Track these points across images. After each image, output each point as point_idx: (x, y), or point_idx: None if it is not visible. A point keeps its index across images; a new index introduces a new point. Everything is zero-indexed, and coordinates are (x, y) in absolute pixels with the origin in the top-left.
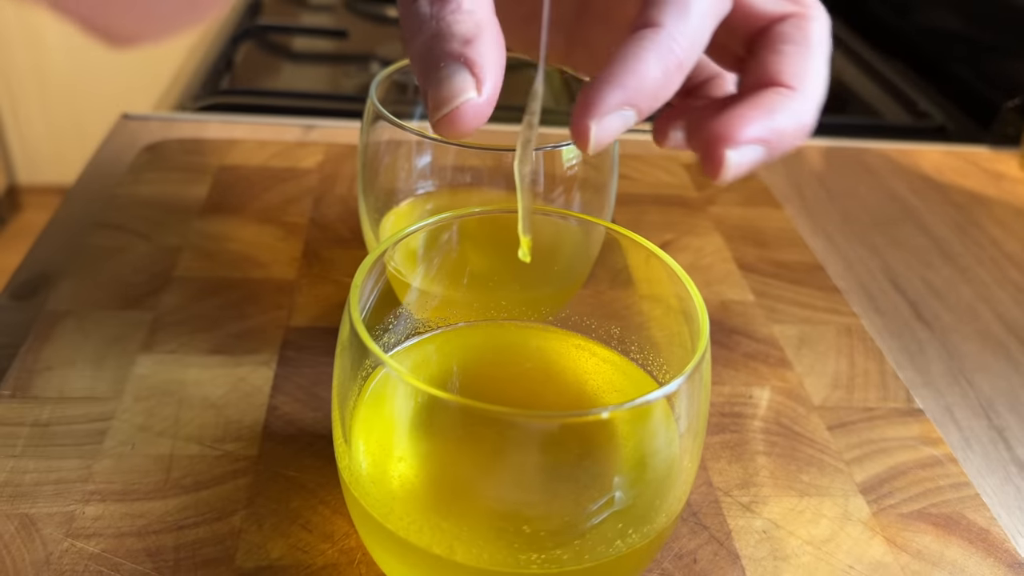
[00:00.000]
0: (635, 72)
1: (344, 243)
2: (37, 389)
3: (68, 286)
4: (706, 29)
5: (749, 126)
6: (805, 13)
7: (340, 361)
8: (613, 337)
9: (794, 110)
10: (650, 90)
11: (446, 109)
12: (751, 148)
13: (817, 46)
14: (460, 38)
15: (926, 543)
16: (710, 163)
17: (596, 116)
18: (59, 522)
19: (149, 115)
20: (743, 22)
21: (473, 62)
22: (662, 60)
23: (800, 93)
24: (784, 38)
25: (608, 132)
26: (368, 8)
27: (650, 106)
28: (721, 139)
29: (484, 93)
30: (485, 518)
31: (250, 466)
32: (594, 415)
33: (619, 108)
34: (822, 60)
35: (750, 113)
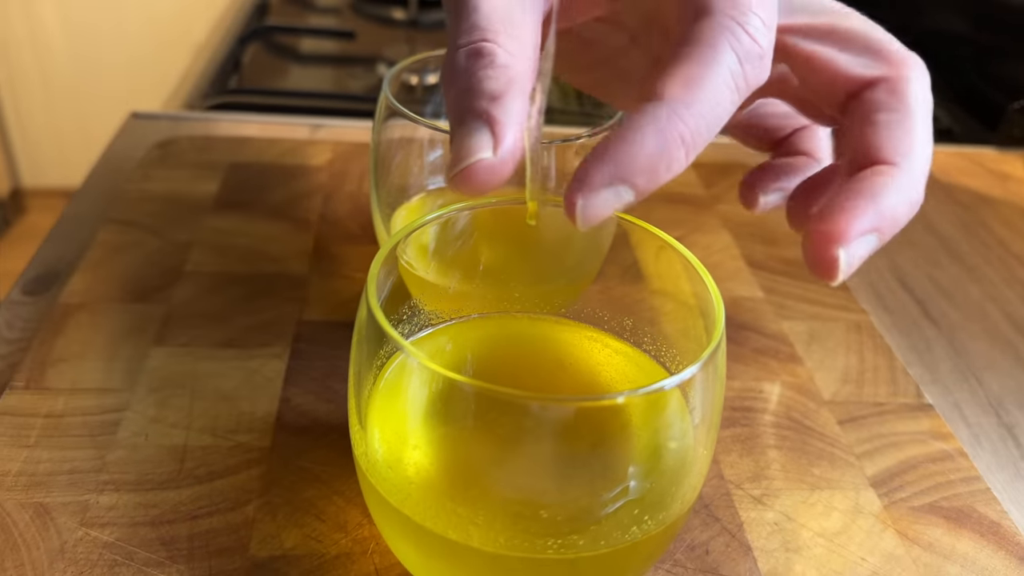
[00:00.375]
0: (628, 146)
1: (354, 239)
2: (50, 381)
3: (80, 280)
4: (720, 104)
5: (858, 219)
6: (898, 75)
7: (357, 347)
8: (626, 329)
9: (901, 189)
10: (644, 165)
11: (459, 167)
12: (863, 241)
13: (917, 111)
14: (487, 95)
15: (937, 536)
16: (822, 266)
17: (584, 192)
18: (73, 511)
19: (159, 113)
20: (829, 87)
21: (495, 120)
22: (660, 135)
23: (904, 169)
24: (878, 107)
25: (597, 208)
26: (375, 10)
27: (647, 182)
28: (830, 238)
29: (500, 153)
30: (501, 503)
31: (263, 457)
32: (609, 399)
33: (610, 184)
34: (924, 125)
35: (856, 204)
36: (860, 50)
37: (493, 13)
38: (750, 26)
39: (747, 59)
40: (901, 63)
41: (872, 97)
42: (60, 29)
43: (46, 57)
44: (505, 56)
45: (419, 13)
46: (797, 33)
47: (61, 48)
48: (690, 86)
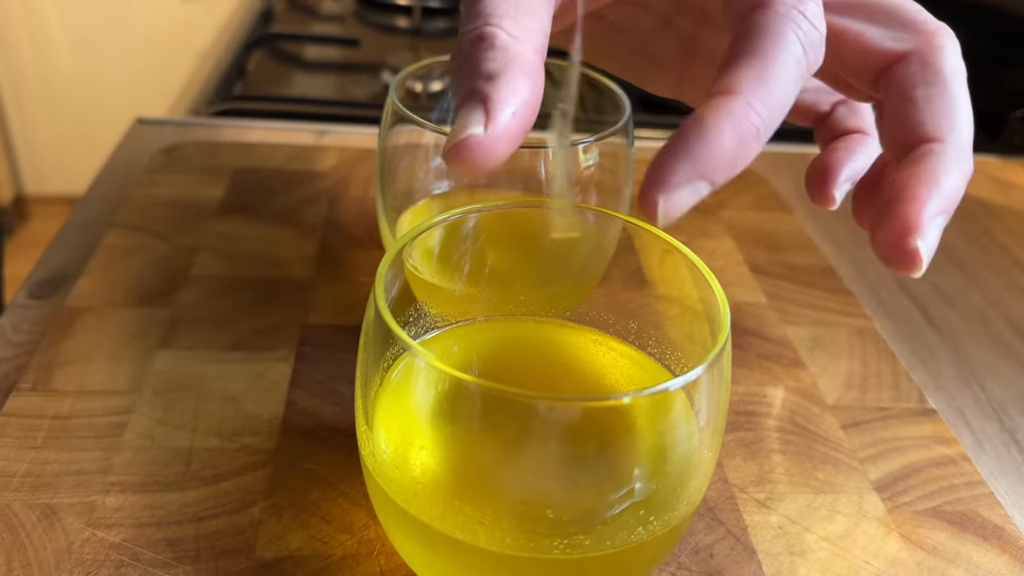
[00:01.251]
0: (708, 143)
1: (359, 244)
2: (57, 383)
3: (86, 284)
4: (789, 94)
5: (926, 206)
6: (928, 44)
7: (364, 347)
8: (631, 332)
9: (954, 165)
10: (724, 161)
11: (450, 143)
12: (935, 226)
13: (952, 81)
14: (484, 75)
15: (941, 540)
16: (904, 260)
17: (665, 190)
18: (80, 512)
19: (164, 119)
20: (860, 62)
21: (488, 98)
22: (737, 130)
23: (952, 144)
24: (912, 81)
25: (677, 206)
26: (379, 18)
27: (724, 176)
28: (905, 231)
29: (491, 130)
30: (508, 503)
31: (269, 459)
32: (615, 400)
33: (690, 181)
34: (961, 94)
35: (919, 192)
36: (889, 23)
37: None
38: (809, 12)
39: (810, 46)
40: (932, 33)
41: (905, 71)
42: (64, 37)
43: (49, 65)
44: (505, 38)
45: (423, 21)
46: (827, 8)
47: (65, 56)
48: (762, 79)
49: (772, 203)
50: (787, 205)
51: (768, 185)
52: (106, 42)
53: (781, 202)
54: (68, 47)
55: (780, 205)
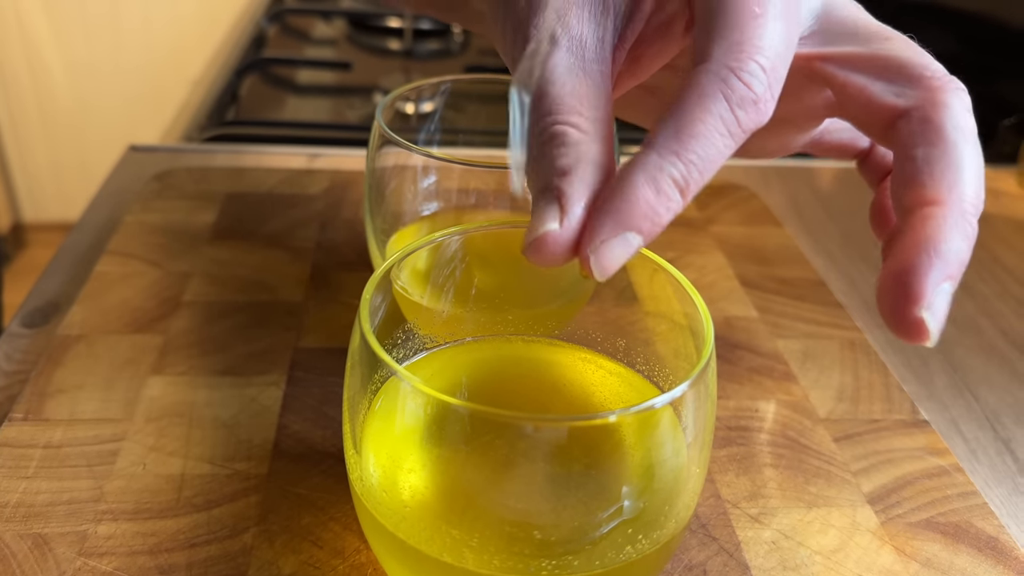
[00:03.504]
0: (624, 195)
1: (351, 266)
2: (49, 412)
3: (78, 312)
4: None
5: (928, 276)
6: (930, 100)
7: (351, 372)
8: (619, 350)
9: (956, 227)
10: (643, 212)
11: (529, 238)
12: (941, 293)
13: (955, 139)
14: (558, 171)
15: (935, 551)
16: (911, 331)
17: (592, 247)
18: (72, 541)
19: (157, 146)
20: (865, 116)
21: (562, 193)
22: (651, 181)
23: (952, 205)
24: (913, 140)
25: (610, 259)
26: (370, 41)
27: (651, 227)
28: (908, 302)
29: (566, 223)
30: (496, 525)
31: (261, 484)
32: (601, 418)
33: (615, 234)
34: (966, 152)
35: (919, 261)
36: (894, 77)
37: (562, 93)
38: (744, 72)
39: (740, 105)
40: (936, 89)
41: (906, 128)
42: (60, 65)
43: (46, 93)
44: (576, 134)
45: (414, 43)
46: (834, 62)
47: (61, 84)
48: (677, 135)
49: (762, 217)
50: (777, 219)
51: (758, 199)
52: (102, 69)
53: (771, 216)
54: (64, 75)
55: (770, 219)
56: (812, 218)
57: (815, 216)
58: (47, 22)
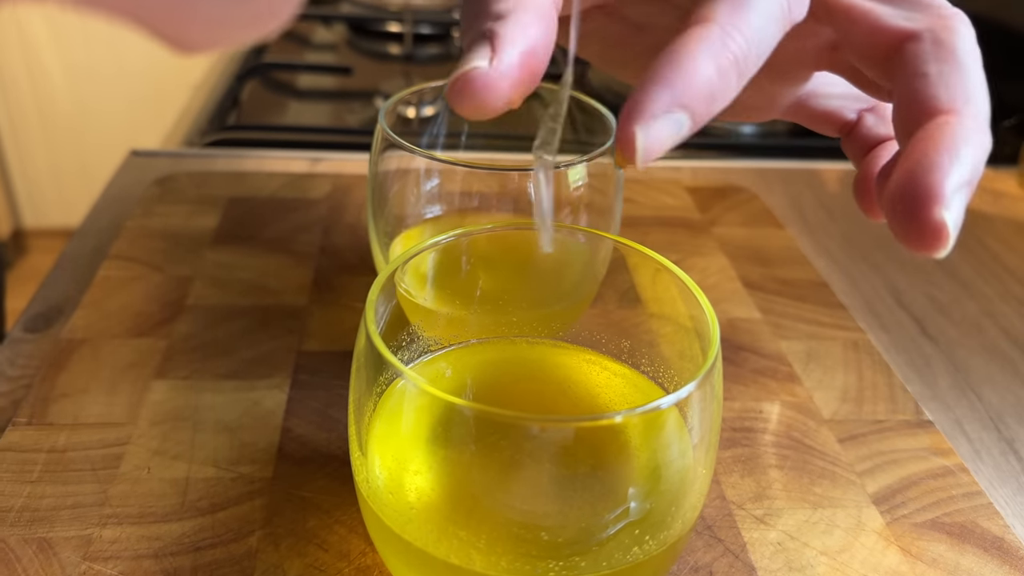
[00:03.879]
0: (684, 70)
1: (354, 270)
2: (53, 416)
3: (81, 317)
4: (767, 30)
5: (948, 174)
6: (941, 25)
7: (356, 374)
8: (624, 351)
9: (973, 133)
10: (703, 91)
11: (452, 79)
12: (959, 197)
13: (967, 60)
14: (493, 15)
15: (941, 552)
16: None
17: (643, 121)
18: (76, 545)
19: (158, 151)
20: (869, 41)
21: (494, 34)
22: (715, 57)
23: (969, 115)
24: (924, 58)
25: (658, 140)
26: (371, 45)
27: (705, 110)
28: (927, 201)
29: (496, 64)
30: (503, 526)
31: (265, 487)
32: (608, 419)
33: (668, 111)
34: (977, 72)
35: (939, 159)
36: (902, 2)
37: None
38: None
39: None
40: (946, 16)
41: (916, 49)
42: (60, 70)
43: (46, 98)
44: None
45: (415, 47)
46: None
47: (61, 89)
48: (738, 8)
49: (764, 219)
50: (778, 221)
51: (759, 201)
52: (102, 74)
53: (773, 218)
54: (64, 80)
55: (772, 221)
56: (814, 220)
57: (816, 218)
58: (46, 27)
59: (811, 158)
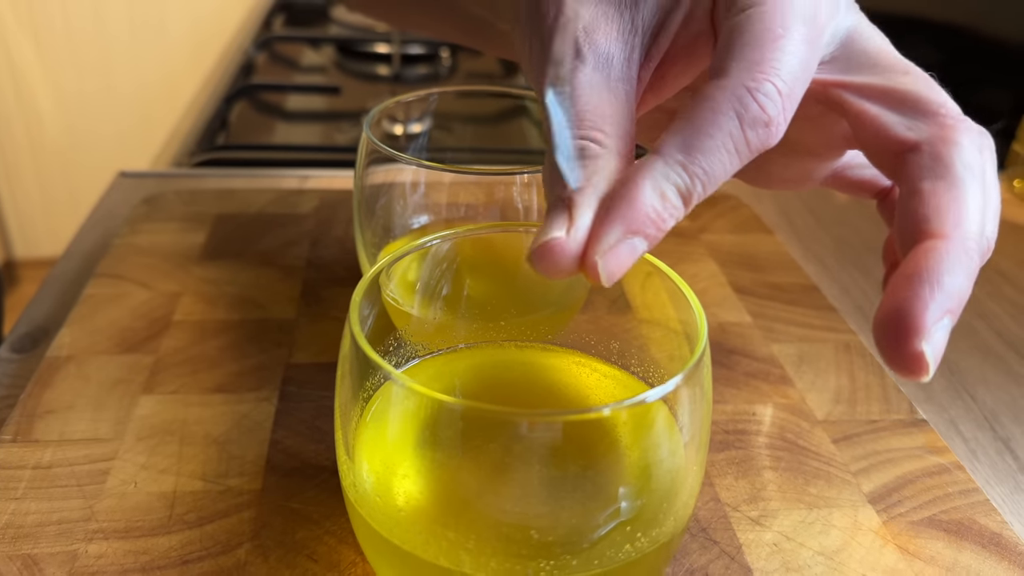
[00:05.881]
0: (629, 199)
1: (342, 282)
2: (38, 433)
3: (68, 334)
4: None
5: (928, 308)
6: (941, 137)
7: (342, 377)
8: (613, 353)
9: (958, 261)
10: (648, 216)
11: (535, 244)
12: (940, 328)
13: (964, 177)
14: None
15: (939, 549)
16: (909, 364)
17: (600, 251)
18: (62, 561)
19: (146, 172)
20: (876, 147)
21: (573, 203)
22: (656, 186)
23: (956, 240)
24: (921, 174)
25: (617, 264)
26: (359, 67)
27: (655, 233)
28: (907, 334)
29: (573, 233)
30: (492, 526)
31: (254, 499)
32: (595, 412)
33: (621, 239)
34: (974, 191)
35: (919, 292)
36: (908, 111)
37: (585, 110)
38: (760, 93)
39: (751, 125)
40: (949, 127)
41: (915, 162)
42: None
43: (36, 128)
44: (595, 148)
45: (402, 68)
46: (851, 90)
47: (51, 118)
48: (686, 144)
49: (753, 225)
50: (767, 227)
51: (748, 208)
52: (92, 101)
53: (762, 224)
54: (54, 110)
55: (761, 227)
56: (802, 227)
57: (805, 225)
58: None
59: None
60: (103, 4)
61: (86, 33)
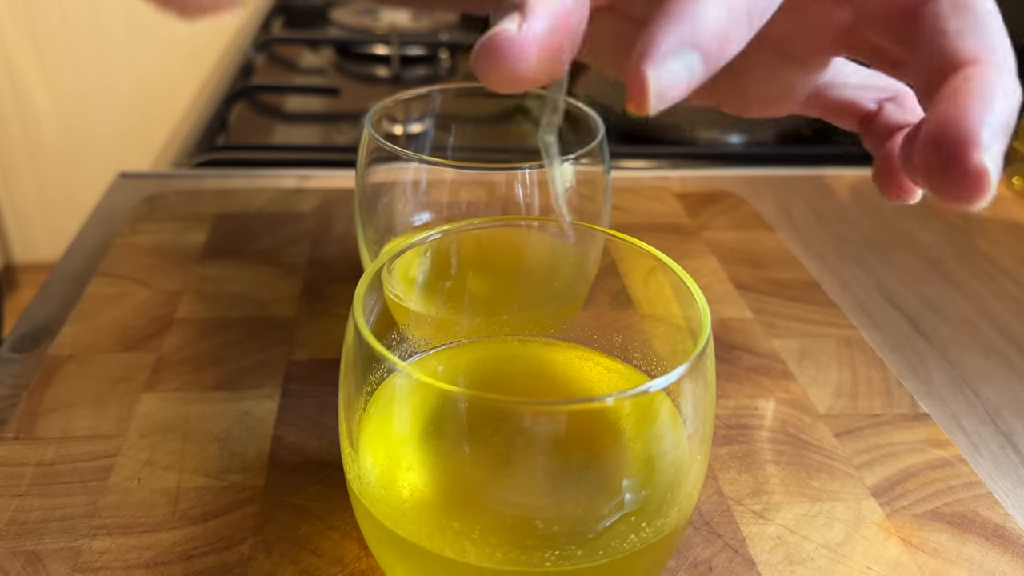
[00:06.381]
0: (693, 10)
1: (343, 280)
2: (41, 430)
3: (68, 333)
4: None
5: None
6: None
7: (345, 369)
8: (616, 346)
9: (1001, 82)
10: (714, 30)
11: (479, 43)
12: (996, 143)
13: (985, 13)
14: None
15: (942, 541)
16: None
17: (653, 61)
18: (65, 557)
19: (146, 172)
20: (884, 8)
21: (523, 2)
22: (725, 3)
23: (995, 64)
24: (943, 15)
25: (670, 81)
26: (358, 68)
27: (718, 52)
28: (966, 144)
29: (526, 28)
30: (496, 517)
31: (257, 495)
32: (599, 402)
33: (679, 51)
34: (998, 25)
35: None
36: None
37: None
38: None
39: None
40: None
41: (935, 9)
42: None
43: (34, 129)
44: None
45: (402, 69)
46: None
47: (49, 120)
48: None
49: (753, 222)
50: (768, 224)
51: (748, 206)
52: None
53: (762, 221)
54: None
55: (761, 224)
56: (803, 224)
57: (806, 222)
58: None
59: (799, 165)
60: (101, 4)
61: (84, 32)
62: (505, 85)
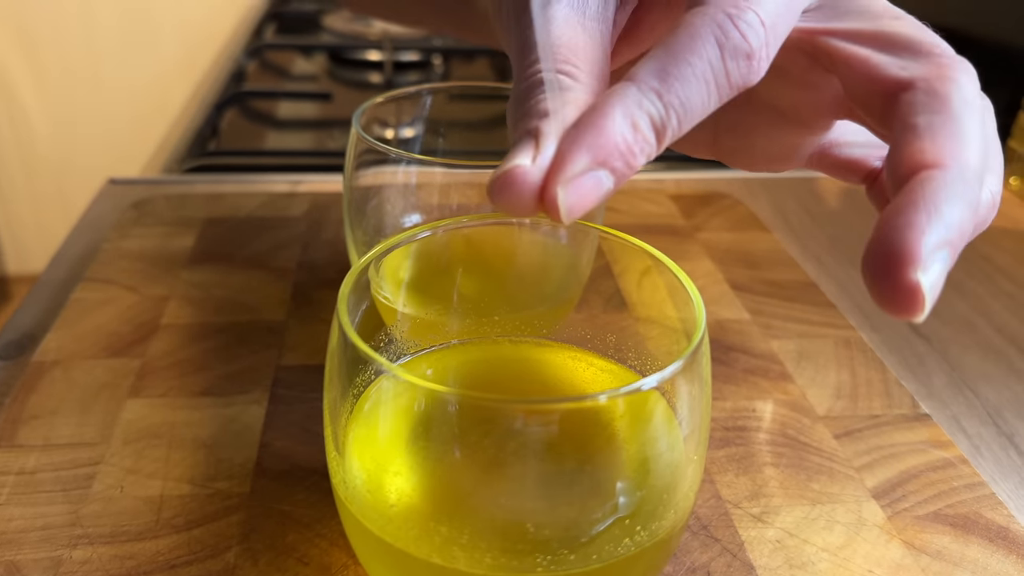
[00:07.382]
0: (598, 126)
1: (333, 284)
2: (23, 438)
3: (54, 339)
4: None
5: (924, 234)
6: (937, 74)
7: (330, 371)
8: (609, 347)
9: (958, 191)
10: (618, 147)
11: (497, 174)
12: (938, 259)
13: (962, 113)
14: (540, 113)
15: (945, 543)
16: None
17: (563, 181)
18: (46, 567)
19: (135, 179)
20: (866, 89)
21: (539, 132)
22: (628, 114)
23: (955, 169)
24: (916, 109)
25: (580, 197)
26: (351, 74)
27: (624, 167)
28: (900, 262)
29: (539, 161)
30: (486, 521)
31: (243, 503)
32: (591, 400)
33: (587, 170)
34: (973, 127)
35: (915, 218)
36: (901, 51)
37: (558, 44)
38: (742, 21)
39: (732, 55)
40: (944, 65)
41: (909, 99)
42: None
43: (26, 138)
44: (566, 81)
45: (394, 75)
46: (839, 36)
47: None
48: (663, 71)
49: (749, 223)
50: (764, 225)
51: (743, 206)
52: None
53: (758, 222)
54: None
55: (757, 225)
56: (799, 226)
57: (801, 224)
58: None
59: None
60: (93, 12)
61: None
62: (521, 215)
